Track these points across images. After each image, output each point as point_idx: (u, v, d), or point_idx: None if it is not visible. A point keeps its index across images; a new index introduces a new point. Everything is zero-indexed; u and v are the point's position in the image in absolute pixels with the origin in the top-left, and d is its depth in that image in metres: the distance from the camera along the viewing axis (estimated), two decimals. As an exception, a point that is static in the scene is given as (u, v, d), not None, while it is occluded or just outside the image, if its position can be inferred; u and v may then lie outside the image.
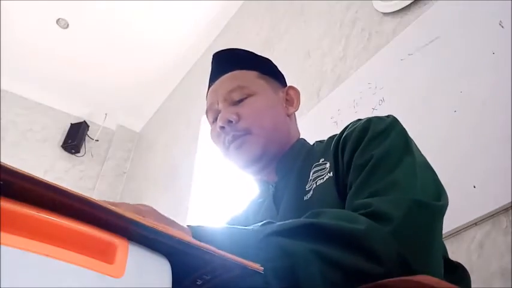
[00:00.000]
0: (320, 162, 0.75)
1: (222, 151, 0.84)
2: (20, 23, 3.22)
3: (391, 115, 0.73)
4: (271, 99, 0.84)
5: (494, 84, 1.13)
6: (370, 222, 0.51)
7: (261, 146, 0.79)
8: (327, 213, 0.54)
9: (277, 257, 0.44)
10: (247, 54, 0.92)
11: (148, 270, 0.32)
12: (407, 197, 0.55)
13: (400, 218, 0.52)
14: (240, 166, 0.82)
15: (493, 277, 0.94)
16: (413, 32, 1.48)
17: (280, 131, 0.83)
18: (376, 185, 0.59)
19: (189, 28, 3.33)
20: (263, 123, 0.80)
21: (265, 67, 0.90)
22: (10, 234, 0.27)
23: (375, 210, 0.53)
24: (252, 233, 0.48)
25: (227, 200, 2.26)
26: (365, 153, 0.64)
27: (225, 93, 0.82)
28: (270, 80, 0.87)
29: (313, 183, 0.72)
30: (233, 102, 0.81)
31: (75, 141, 3.66)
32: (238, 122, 0.79)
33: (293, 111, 0.89)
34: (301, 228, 0.49)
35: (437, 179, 0.64)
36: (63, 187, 0.30)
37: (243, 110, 0.80)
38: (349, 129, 0.73)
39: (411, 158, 0.63)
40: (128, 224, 0.32)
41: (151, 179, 3.38)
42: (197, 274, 0.37)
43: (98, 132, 3.92)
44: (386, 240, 0.49)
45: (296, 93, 0.91)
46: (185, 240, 0.34)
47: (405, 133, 0.69)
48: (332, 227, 0.50)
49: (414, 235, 0.52)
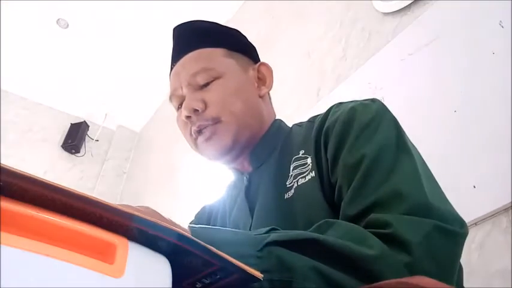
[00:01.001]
0: (300, 155, 0.68)
1: (189, 142, 0.78)
2: (20, 23, 3.22)
3: (376, 99, 0.66)
4: (241, 80, 0.76)
5: (494, 84, 1.13)
6: (384, 248, 0.46)
7: (232, 135, 0.71)
8: (338, 227, 0.49)
9: (275, 269, 0.42)
10: (213, 27, 0.82)
11: (148, 270, 0.32)
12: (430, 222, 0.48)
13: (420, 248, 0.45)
14: (210, 158, 0.75)
15: (493, 277, 0.94)
16: (413, 32, 1.48)
17: (253, 115, 0.75)
18: (376, 192, 0.53)
19: (189, 28, 3.33)
20: (233, 108, 0.72)
21: (233, 42, 0.80)
22: (10, 234, 0.27)
23: (393, 234, 0.47)
24: (253, 240, 0.46)
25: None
26: (354, 151, 0.58)
27: (188, 77, 0.74)
28: (239, 57, 0.78)
29: (295, 181, 0.66)
30: (198, 87, 0.73)
31: (75, 141, 3.66)
32: (205, 110, 0.72)
33: (266, 91, 0.80)
34: (305, 242, 0.45)
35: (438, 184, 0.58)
36: (63, 187, 0.29)
37: (210, 96, 0.72)
38: (330, 117, 0.66)
39: (408, 156, 0.57)
40: (128, 219, 0.31)
41: (151, 179, 3.38)
42: (197, 277, 0.37)
43: (98, 132, 3.92)
44: (400, 272, 0.44)
45: (268, 70, 0.82)
46: (186, 235, 0.33)
47: (395, 122, 0.63)
48: (338, 246, 0.45)
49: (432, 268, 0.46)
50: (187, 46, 0.77)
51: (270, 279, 0.41)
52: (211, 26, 0.82)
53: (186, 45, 0.77)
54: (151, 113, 4.04)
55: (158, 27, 3.32)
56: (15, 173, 0.27)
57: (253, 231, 0.49)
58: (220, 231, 0.48)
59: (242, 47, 0.81)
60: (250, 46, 0.85)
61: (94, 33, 3.35)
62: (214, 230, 0.48)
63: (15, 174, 0.27)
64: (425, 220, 0.48)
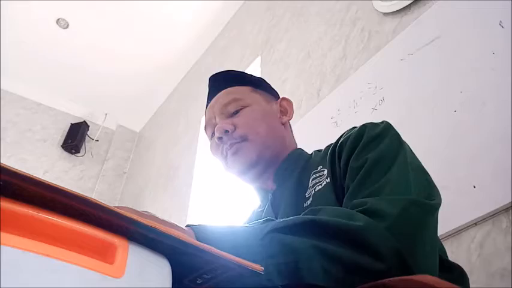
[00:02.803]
0: (318, 169, 0.77)
1: (221, 161, 0.87)
2: (20, 23, 3.22)
3: (385, 121, 0.75)
4: (265, 109, 0.88)
5: (494, 84, 1.13)
6: (367, 218, 0.52)
7: (257, 151, 0.81)
8: (326, 211, 0.55)
9: (279, 253, 0.45)
10: (240, 73, 0.97)
11: (148, 270, 0.32)
12: (403, 197, 0.57)
13: (395, 215, 0.53)
14: (238, 172, 0.84)
15: (493, 277, 0.94)
16: (413, 32, 1.48)
17: (275, 137, 0.85)
18: (371, 186, 0.60)
19: (188, 28, 3.33)
20: (258, 129, 0.83)
21: (258, 82, 0.94)
22: (10, 234, 0.27)
23: (369, 208, 0.55)
24: (253, 230, 0.49)
25: (227, 200, 2.26)
26: (360, 157, 0.67)
27: (221, 107, 0.86)
28: (262, 93, 0.91)
29: (312, 189, 0.74)
30: (229, 115, 0.85)
31: (75, 141, 3.67)
32: (235, 131, 0.82)
33: (287, 119, 0.92)
34: (302, 225, 0.50)
35: (429, 179, 0.65)
36: (63, 187, 0.30)
37: (239, 120, 0.83)
38: (345, 136, 0.76)
39: (403, 160, 0.65)
40: (128, 223, 0.32)
41: (151, 179, 3.38)
42: (197, 273, 0.37)
43: (98, 132, 3.92)
44: (384, 235, 0.51)
45: (289, 103, 0.95)
46: (185, 240, 0.34)
47: (399, 137, 0.71)
48: (332, 223, 0.51)
49: (409, 231, 0.53)
50: (220, 86, 0.91)
51: (276, 264, 0.44)
52: (239, 72, 0.98)
53: (219, 86, 0.91)
54: (151, 113, 4.05)
55: (158, 27, 3.32)
56: (15, 173, 0.27)
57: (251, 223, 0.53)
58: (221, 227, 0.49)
59: (265, 87, 0.95)
60: (272, 88, 0.98)
61: (94, 33, 3.35)
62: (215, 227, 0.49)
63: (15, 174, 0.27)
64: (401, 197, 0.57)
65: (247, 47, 2.80)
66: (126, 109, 4.00)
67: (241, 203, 2.00)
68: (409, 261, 0.50)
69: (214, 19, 3.26)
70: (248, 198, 1.75)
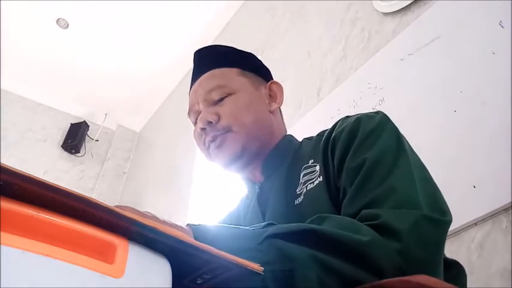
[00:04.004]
0: (309, 164, 0.73)
1: (203, 152, 0.83)
2: (20, 23, 3.22)
3: (380, 111, 0.71)
4: (252, 96, 0.82)
5: (494, 84, 1.13)
6: (376, 235, 0.50)
7: (242, 142, 0.77)
8: (332, 220, 0.53)
9: (276, 260, 0.44)
10: (229, 50, 0.89)
11: (148, 270, 0.32)
12: (417, 212, 0.53)
13: (407, 233, 0.50)
14: (222, 164, 0.80)
15: (493, 277, 0.94)
16: (413, 32, 1.48)
17: (263, 127, 0.80)
18: (373, 192, 0.57)
19: (188, 28, 3.33)
20: (243, 120, 0.78)
21: (247, 63, 0.88)
22: (10, 234, 0.27)
23: (383, 224, 0.51)
24: (253, 234, 0.48)
25: (227, 200, 2.26)
26: (357, 156, 0.63)
27: (204, 93, 0.81)
28: (251, 76, 0.85)
29: (304, 187, 0.71)
30: (213, 102, 0.80)
31: (75, 141, 3.66)
32: (218, 122, 0.78)
33: (276, 106, 0.86)
34: (303, 233, 0.48)
35: (435, 185, 0.62)
36: (63, 187, 0.30)
37: (223, 109, 0.78)
38: (337, 128, 0.72)
39: (406, 160, 0.61)
40: (128, 223, 0.32)
41: (151, 179, 3.38)
42: (197, 273, 0.37)
43: (98, 132, 3.92)
44: (391, 255, 0.49)
45: (279, 87, 0.89)
46: (185, 240, 0.34)
47: (396, 131, 0.67)
48: (335, 235, 0.49)
49: (420, 253, 0.51)
50: (205, 67, 0.85)
51: (272, 270, 0.43)
52: (227, 49, 0.90)
53: (204, 66, 0.85)
54: (151, 113, 4.05)
55: (158, 27, 3.32)
56: (15, 173, 0.27)
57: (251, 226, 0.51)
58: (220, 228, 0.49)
59: (255, 68, 0.89)
60: (263, 67, 0.92)
61: (94, 33, 3.35)
62: (215, 227, 0.49)
63: (15, 174, 0.27)
64: (412, 211, 0.53)
65: (247, 47, 2.79)
66: (126, 109, 4.00)
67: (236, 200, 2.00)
68: None
69: (214, 19, 3.26)
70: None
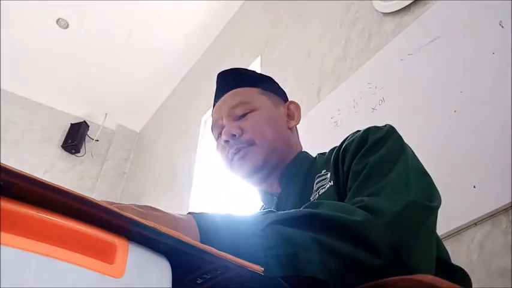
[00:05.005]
0: (322, 173, 0.78)
1: (225, 164, 0.87)
2: (20, 23, 3.22)
3: (388, 124, 0.76)
4: (273, 113, 0.88)
5: (494, 84, 1.13)
6: (367, 214, 0.53)
7: (264, 155, 0.82)
8: (326, 205, 0.56)
9: (279, 245, 0.46)
10: (249, 72, 0.97)
11: (148, 270, 0.32)
12: (402, 197, 0.58)
13: (393, 213, 0.54)
14: (243, 176, 0.85)
15: (493, 277, 0.94)
16: (413, 32, 1.48)
17: (282, 142, 0.86)
18: (371, 188, 0.61)
19: (189, 28, 3.33)
20: (265, 134, 0.83)
21: (266, 84, 0.94)
22: (10, 234, 0.27)
23: (368, 204, 0.56)
24: (254, 221, 0.49)
25: (227, 200, 2.26)
26: (362, 160, 0.68)
27: (228, 109, 0.86)
28: (271, 96, 0.91)
29: (316, 193, 0.75)
30: (236, 117, 0.85)
31: (75, 141, 3.67)
32: (242, 135, 0.83)
33: (294, 124, 0.92)
34: (302, 218, 0.51)
35: (431, 181, 0.66)
36: (63, 187, 0.30)
37: (246, 124, 0.84)
38: (348, 140, 0.76)
39: (405, 163, 0.65)
40: (128, 223, 0.32)
41: (151, 179, 3.38)
42: (198, 273, 0.37)
43: (98, 132, 3.92)
44: (381, 231, 0.52)
45: (297, 107, 0.95)
46: (185, 240, 0.34)
47: (401, 140, 0.72)
48: (332, 217, 0.52)
49: (407, 230, 0.54)
50: (228, 86, 0.91)
51: (276, 255, 0.44)
52: (248, 71, 0.98)
53: (227, 85, 0.91)
54: (151, 113, 4.05)
55: (158, 27, 3.32)
56: (15, 173, 0.27)
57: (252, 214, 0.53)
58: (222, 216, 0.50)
59: (274, 88, 0.95)
60: (281, 89, 0.98)
61: (94, 33, 3.35)
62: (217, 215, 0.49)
63: (15, 174, 0.27)
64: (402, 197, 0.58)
65: (247, 47, 2.80)
66: (126, 109, 4.00)
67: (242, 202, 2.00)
68: (405, 258, 0.51)
69: (214, 19, 3.26)
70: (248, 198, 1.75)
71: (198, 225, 0.45)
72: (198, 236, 0.44)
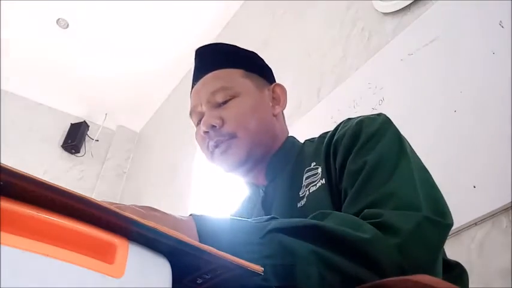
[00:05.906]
0: (312, 166, 0.73)
1: (206, 155, 0.82)
2: (20, 23, 3.21)
3: (382, 113, 0.71)
4: (257, 100, 0.81)
5: (494, 84, 1.13)
6: (377, 232, 0.50)
7: (247, 149, 0.76)
8: (334, 217, 0.53)
9: (278, 254, 0.45)
10: (232, 50, 0.87)
11: (148, 270, 0.32)
12: (415, 212, 0.54)
13: (408, 232, 0.51)
14: (225, 169, 0.80)
15: (493, 277, 0.94)
16: (413, 32, 1.48)
17: (266, 132, 0.80)
18: (372, 194, 0.57)
19: (189, 28, 3.33)
20: (248, 125, 0.77)
21: (250, 64, 0.86)
22: (10, 234, 0.27)
23: (383, 221, 0.52)
24: (255, 227, 0.48)
25: (227, 200, 2.26)
26: (358, 159, 0.63)
27: (208, 95, 0.79)
28: (255, 78, 0.84)
29: (306, 190, 0.71)
30: (216, 105, 0.79)
31: (75, 141, 3.66)
32: (222, 127, 0.77)
33: (280, 110, 0.86)
34: (305, 229, 0.49)
35: (435, 186, 0.62)
36: (63, 187, 0.29)
37: (227, 113, 0.77)
38: (339, 131, 0.71)
39: (406, 163, 0.61)
40: (128, 223, 0.32)
41: (151, 179, 3.38)
42: (197, 273, 0.37)
43: (98, 132, 3.92)
44: (391, 252, 0.49)
45: (282, 90, 0.87)
46: (185, 240, 0.34)
47: (398, 134, 0.67)
48: (336, 231, 0.49)
49: (420, 252, 0.51)
50: (208, 66, 0.83)
51: (273, 264, 0.43)
52: (230, 48, 0.88)
53: (207, 65, 0.83)
54: (151, 113, 4.04)
55: (158, 27, 3.32)
56: (15, 173, 0.27)
57: (254, 219, 0.51)
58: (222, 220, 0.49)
59: (259, 69, 0.87)
60: (267, 68, 0.90)
61: (94, 33, 3.35)
62: (217, 219, 0.48)
63: (15, 174, 0.27)
64: (414, 213, 0.53)
65: (247, 47, 2.79)
66: (126, 109, 3.99)
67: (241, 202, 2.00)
68: None
69: (214, 19, 3.26)
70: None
71: (198, 228, 0.45)
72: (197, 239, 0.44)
